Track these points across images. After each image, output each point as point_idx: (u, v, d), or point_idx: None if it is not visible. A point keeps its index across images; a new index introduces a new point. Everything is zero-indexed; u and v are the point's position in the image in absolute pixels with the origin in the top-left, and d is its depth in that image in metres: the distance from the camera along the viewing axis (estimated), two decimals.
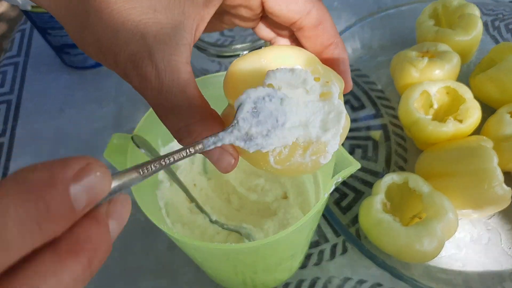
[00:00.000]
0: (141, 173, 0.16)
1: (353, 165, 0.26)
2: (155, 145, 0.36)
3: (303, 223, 0.25)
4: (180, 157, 0.18)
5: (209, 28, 0.26)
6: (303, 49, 0.23)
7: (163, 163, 0.17)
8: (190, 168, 0.40)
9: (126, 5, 0.20)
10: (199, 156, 0.40)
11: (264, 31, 0.27)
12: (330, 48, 0.24)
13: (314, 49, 0.25)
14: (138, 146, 0.30)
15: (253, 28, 0.28)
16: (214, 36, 0.55)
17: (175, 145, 0.37)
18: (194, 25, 0.21)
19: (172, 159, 0.18)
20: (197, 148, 0.18)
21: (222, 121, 0.21)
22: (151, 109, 0.31)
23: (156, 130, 0.32)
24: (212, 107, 0.22)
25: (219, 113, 0.22)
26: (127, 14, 0.20)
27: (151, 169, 0.17)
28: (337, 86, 0.21)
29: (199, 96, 0.21)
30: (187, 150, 0.18)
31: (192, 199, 0.36)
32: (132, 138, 0.30)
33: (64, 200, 0.13)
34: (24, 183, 0.13)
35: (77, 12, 0.20)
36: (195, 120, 0.20)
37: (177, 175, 0.36)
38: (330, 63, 0.24)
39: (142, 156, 0.32)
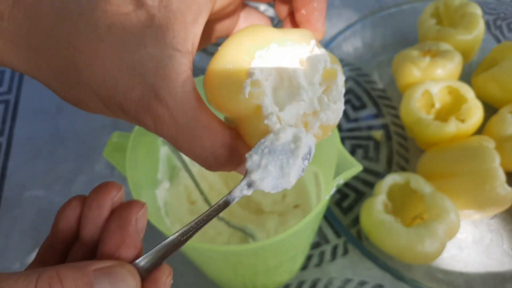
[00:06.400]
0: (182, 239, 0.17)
1: (355, 167, 0.25)
2: (156, 145, 0.36)
3: (303, 225, 0.25)
4: (211, 216, 0.18)
5: (202, 43, 0.25)
6: (262, 25, 0.22)
7: (200, 224, 0.18)
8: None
9: (116, 49, 0.18)
10: None
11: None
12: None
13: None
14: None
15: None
16: None
17: None
18: (189, 47, 0.19)
19: (205, 219, 0.18)
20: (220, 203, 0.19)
21: (236, 132, 0.21)
22: None
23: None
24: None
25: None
26: (120, 59, 0.18)
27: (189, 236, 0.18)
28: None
29: (212, 117, 0.20)
30: (217, 205, 0.19)
31: (201, 191, 0.36)
32: None
33: None
34: None
35: (65, 70, 0.19)
36: (218, 145, 0.20)
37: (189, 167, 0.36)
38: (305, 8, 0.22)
39: (140, 156, 0.31)
